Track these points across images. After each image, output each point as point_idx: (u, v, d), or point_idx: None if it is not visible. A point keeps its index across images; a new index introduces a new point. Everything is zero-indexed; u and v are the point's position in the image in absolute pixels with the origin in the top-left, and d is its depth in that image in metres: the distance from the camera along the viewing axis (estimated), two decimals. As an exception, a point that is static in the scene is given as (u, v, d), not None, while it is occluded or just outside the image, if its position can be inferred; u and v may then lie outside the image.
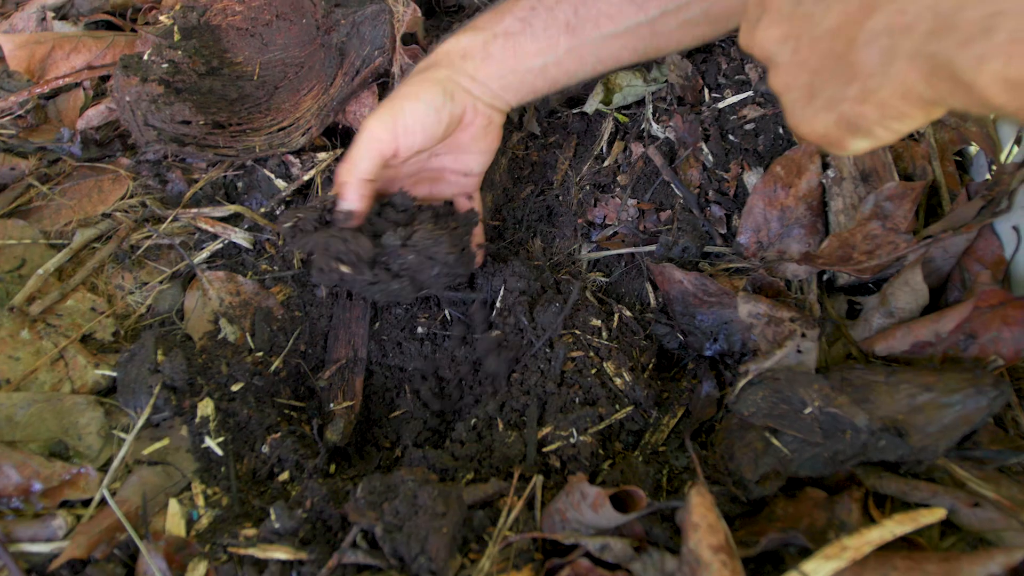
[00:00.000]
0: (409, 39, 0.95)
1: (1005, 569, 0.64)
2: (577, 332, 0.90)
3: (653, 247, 0.97)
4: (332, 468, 0.90)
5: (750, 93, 0.99)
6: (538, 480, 0.79)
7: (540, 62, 0.88)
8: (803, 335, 0.82)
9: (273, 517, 0.76)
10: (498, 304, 0.94)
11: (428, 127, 0.85)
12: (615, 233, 1.00)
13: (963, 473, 0.74)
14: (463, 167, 0.93)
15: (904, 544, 0.71)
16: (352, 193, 0.83)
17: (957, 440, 0.76)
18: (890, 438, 0.75)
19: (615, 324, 0.92)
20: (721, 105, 0.99)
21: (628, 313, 0.93)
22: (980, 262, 0.85)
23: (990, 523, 0.71)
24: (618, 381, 0.87)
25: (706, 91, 1.01)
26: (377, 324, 0.98)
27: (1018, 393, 0.81)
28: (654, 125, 1.00)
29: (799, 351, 0.82)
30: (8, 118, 1.02)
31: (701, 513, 0.68)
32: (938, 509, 0.69)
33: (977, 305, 0.79)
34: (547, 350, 0.89)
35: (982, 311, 0.79)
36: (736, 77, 1.00)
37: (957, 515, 0.72)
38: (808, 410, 0.77)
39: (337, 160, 0.99)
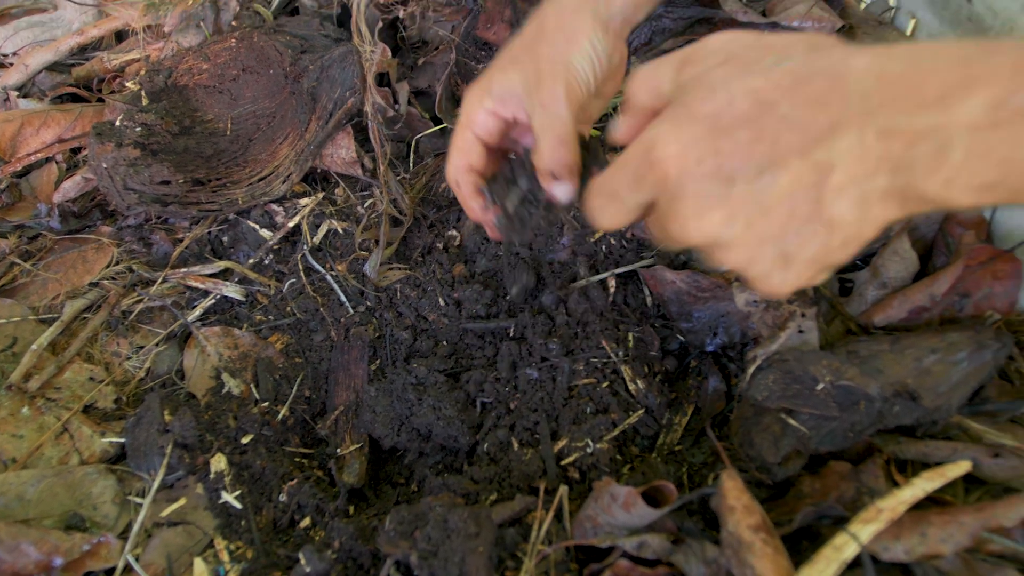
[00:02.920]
0: (382, 79, 0.96)
1: (1036, 510, 0.66)
2: (594, 360, 0.91)
3: (651, 259, 0.98)
4: (351, 509, 0.89)
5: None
6: (563, 490, 0.79)
7: None
8: (803, 315, 0.83)
9: (304, 561, 0.75)
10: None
11: (598, 74, 0.72)
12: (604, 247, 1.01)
13: (979, 427, 0.75)
14: (584, 117, 0.77)
15: (934, 503, 0.72)
16: (563, 152, 0.69)
17: (968, 396, 0.77)
18: (904, 403, 0.76)
19: (631, 343, 0.92)
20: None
21: (640, 333, 0.93)
22: (962, 225, 0.88)
23: (1013, 470, 0.72)
24: (632, 387, 0.88)
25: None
26: (376, 363, 0.98)
27: (1018, 344, 0.83)
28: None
29: (801, 331, 0.83)
30: (-18, 200, 1.02)
31: (736, 496, 0.68)
32: (963, 462, 0.70)
33: (967, 264, 0.81)
34: (559, 377, 0.90)
35: (972, 269, 0.81)
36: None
37: (980, 468, 0.73)
38: (820, 386, 0.78)
39: (319, 204, 1.00)
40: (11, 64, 1.13)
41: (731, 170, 0.49)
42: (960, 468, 0.69)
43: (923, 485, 0.67)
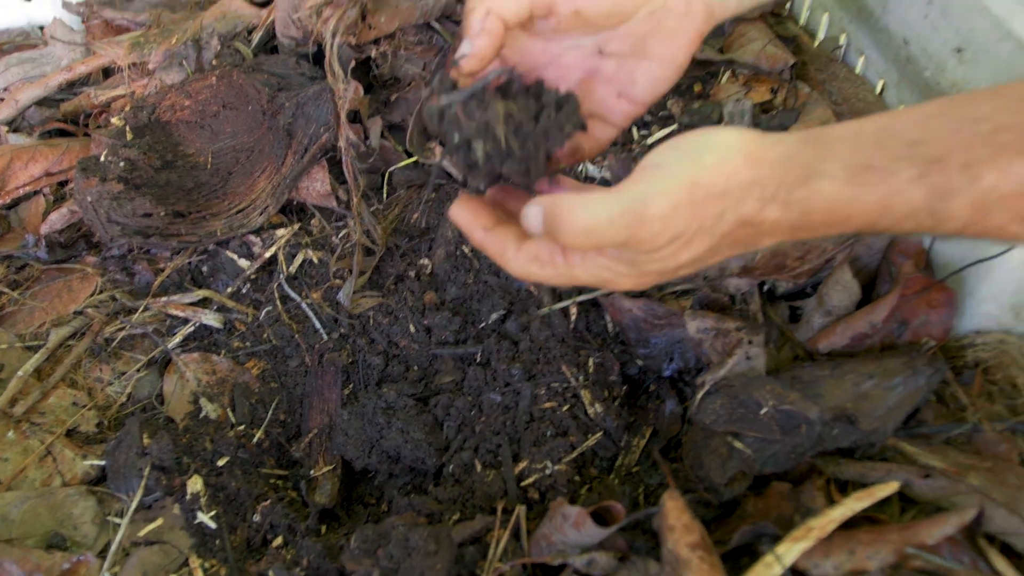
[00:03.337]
0: (354, 116, 1.00)
1: (958, 528, 0.70)
2: (555, 385, 0.95)
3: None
4: (323, 529, 0.93)
5: (675, 127, 1.06)
6: (520, 510, 0.83)
7: None
8: (750, 342, 0.87)
9: (273, 578, 0.79)
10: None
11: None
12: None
13: (912, 449, 0.79)
14: (628, 80, 0.70)
15: (868, 522, 0.76)
16: (476, 22, 0.62)
17: (903, 419, 0.81)
18: (842, 426, 0.80)
19: (591, 368, 0.96)
20: (650, 140, 1.06)
21: (600, 358, 0.97)
22: (903, 254, 0.92)
23: (942, 490, 0.76)
24: (591, 411, 0.92)
25: (634, 129, 1.08)
26: (350, 387, 1.02)
27: (954, 370, 0.87)
28: (590, 166, 1.06)
29: (748, 357, 0.87)
30: (-28, 232, 1.06)
31: (676, 515, 0.72)
32: (892, 483, 0.74)
33: (903, 293, 0.86)
34: (521, 401, 0.94)
35: (908, 298, 0.86)
36: (660, 113, 1.08)
37: (912, 488, 0.77)
38: (764, 410, 0.82)
39: (295, 235, 1.04)
40: (2, 99, 1.18)
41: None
42: (888, 489, 0.73)
43: (852, 505, 0.72)
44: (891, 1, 0.94)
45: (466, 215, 0.62)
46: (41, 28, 1.37)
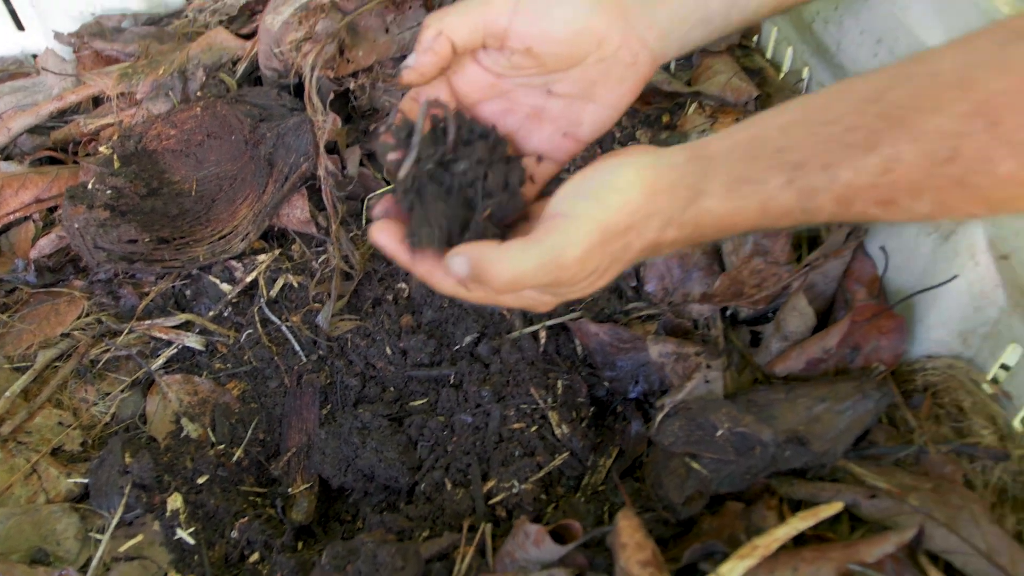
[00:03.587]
0: (332, 147, 1.04)
1: (898, 547, 0.73)
2: (523, 406, 0.98)
3: (579, 313, 1.05)
4: (300, 545, 0.97)
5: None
6: (486, 528, 0.87)
7: None
8: (708, 366, 0.91)
9: (247, 592, 0.82)
10: None
11: (556, 24, 0.68)
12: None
13: (860, 470, 0.83)
14: (575, 121, 0.74)
15: (817, 540, 0.79)
16: (427, 39, 0.66)
17: (852, 442, 0.85)
18: (794, 448, 0.84)
19: (560, 390, 1.00)
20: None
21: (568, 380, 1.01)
22: (858, 281, 0.96)
23: (886, 511, 0.79)
24: (558, 432, 0.95)
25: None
26: (328, 408, 1.05)
27: (905, 394, 0.91)
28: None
29: (707, 381, 0.91)
30: (-36, 256, 1.11)
31: (628, 533, 0.76)
32: (835, 504, 0.78)
33: (854, 319, 0.89)
34: (491, 422, 0.97)
35: (859, 324, 0.90)
36: (629, 143, 1.12)
37: (859, 508, 0.81)
38: (720, 433, 0.85)
39: (276, 260, 1.08)
40: (-5, 127, 1.23)
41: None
42: (832, 509, 0.77)
43: (796, 524, 0.75)
44: (844, 40, 0.98)
45: (389, 239, 0.64)
46: (34, 57, 1.41)
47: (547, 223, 0.60)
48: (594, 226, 0.59)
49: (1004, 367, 0.87)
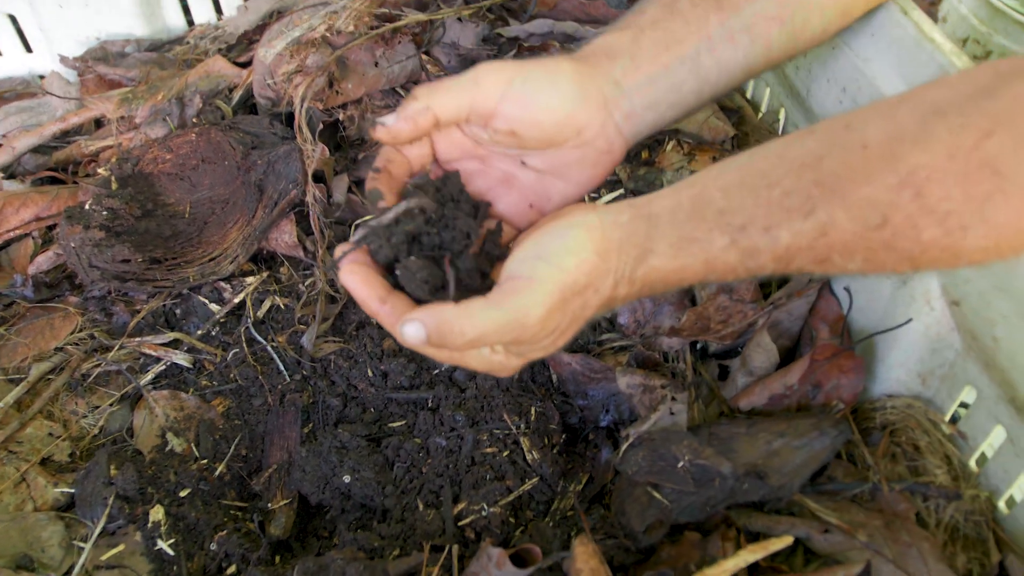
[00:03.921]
0: (320, 175, 1.08)
1: (843, 581, 0.76)
2: (496, 432, 1.01)
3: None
4: (277, 559, 1.00)
5: (621, 191, 1.13)
6: (453, 548, 0.90)
7: (693, 48, 0.77)
8: (673, 399, 0.94)
9: (220, 604, 0.85)
10: None
11: (541, 112, 0.71)
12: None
13: (814, 505, 0.86)
14: (543, 195, 0.77)
15: (771, 572, 0.82)
16: (411, 110, 0.69)
17: (809, 476, 0.88)
18: (752, 481, 0.87)
19: (533, 417, 1.03)
20: (600, 202, 1.13)
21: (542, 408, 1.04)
22: (823, 320, 0.99)
23: (838, 545, 0.82)
24: (529, 457, 0.98)
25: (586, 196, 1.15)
26: (309, 427, 1.09)
27: (864, 431, 0.94)
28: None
29: (672, 413, 0.94)
30: (-35, 270, 1.15)
31: (584, 559, 0.79)
32: (786, 537, 0.81)
33: (814, 358, 0.92)
34: (464, 446, 1.00)
35: (820, 363, 0.93)
36: (609, 179, 1.15)
37: (811, 542, 0.84)
38: (681, 464, 0.88)
39: (264, 282, 1.12)
40: (0, 145, 1.27)
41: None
42: (782, 542, 0.79)
43: (746, 556, 0.78)
44: (813, 86, 1.02)
45: (359, 285, 0.65)
46: (41, 77, 1.46)
47: (508, 284, 0.63)
48: (554, 287, 0.61)
49: (964, 405, 0.90)
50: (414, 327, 0.60)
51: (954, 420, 0.91)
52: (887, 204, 0.57)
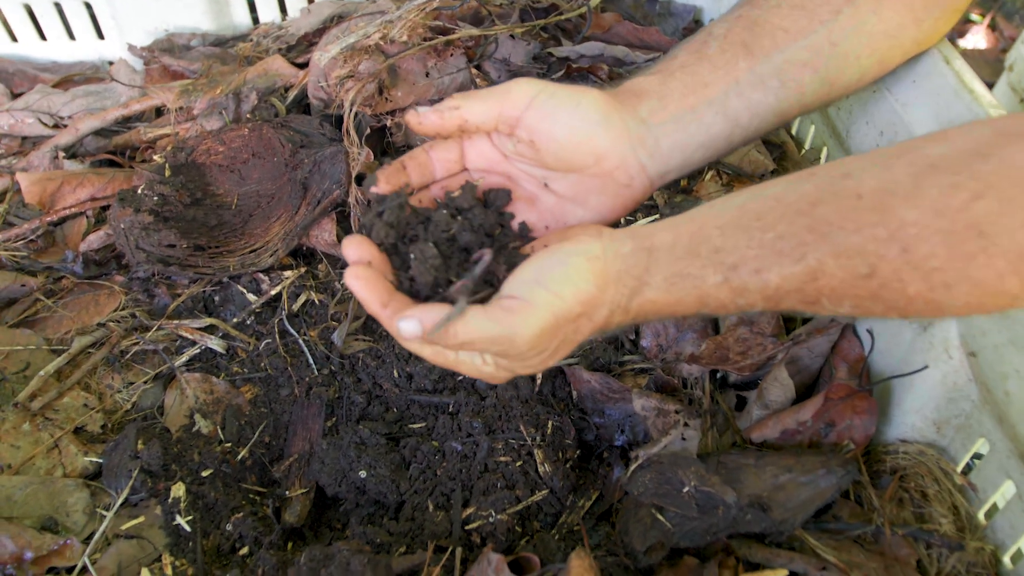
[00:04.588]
0: (361, 179, 1.12)
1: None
2: (512, 441, 1.03)
3: (576, 360, 1.10)
4: (289, 545, 1.03)
5: (657, 216, 1.15)
6: (457, 551, 0.92)
7: (721, 91, 0.79)
8: (686, 424, 0.95)
9: (229, 583, 0.89)
10: None
11: (560, 127, 0.74)
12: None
13: (814, 542, 0.86)
14: (561, 219, 0.80)
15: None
16: (445, 107, 0.75)
17: (812, 513, 0.88)
18: (755, 513, 0.87)
19: (549, 430, 1.05)
20: (635, 225, 1.15)
21: (559, 422, 1.06)
22: (844, 360, 0.99)
23: (834, 584, 0.83)
24: (541, 469, 1.00)
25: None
26: (332, 420, 1.12)
27: (874, 474, 0.94)
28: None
29: (684, 438, 0.95)
30: (22, 242, 1.20)
31: (579, 573, 0.80)
32: (780, 571, 0.82)
33: (829, 396, 0.93)
34: (479, 452, 1.02)
35: (834, 402, 0.93)
36: (646, 203, 1.17)
37: (808, 578, 0.84)
38: (686, 489, 0.90)
39: (301, 277, 1.15)
40: (65, 126, 1.33)
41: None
42: (776, 574, 0.80)
43: (739, 586, 0.79)
44: (852, 128, 1.03)
45: (363, 288, 0.67)
46: (110, 63, 1.52)
47: (505, 302, 0.66)
48: (549, 314, 0.65)
49: (979, 456, 0.90)
50: (410, 323, 0.64)
51: (967, 470, 0.91)
52: (875, 256, 0.59)
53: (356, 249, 0.70)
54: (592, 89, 0.76)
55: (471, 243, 0.72)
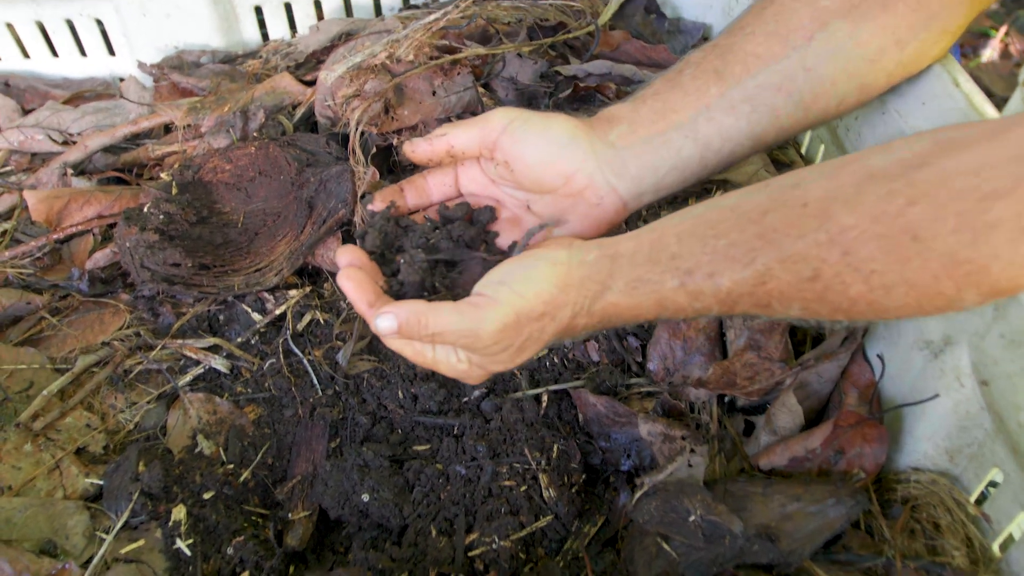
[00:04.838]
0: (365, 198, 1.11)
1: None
2: (516, 465, 1.02)
3: (582, 382, 1.09)
4: (291, 570, 1.02)
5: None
6: (458, 577, 0.91)
7: (690, 116, 0.83)
8: (692, 451, 0.94)
9: (227, 608, 0.88)
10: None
11: (529, 149, 0.83)
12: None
13: (823, 574, 0.84)
14: (542, 234, 0.87)
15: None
16: (434, 136, 0.86)
17: (821, 544, 0.86)
18: (763, 543, 0.86)
19: (555, 454, 1.03)
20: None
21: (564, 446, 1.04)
22: (855, 386, 0.98)
23: (841, 617, 0.81)
24: (546, 495, 0.99)
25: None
26: (336, 441, 1.11)
27: (885, 504, 0.92)
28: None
29: (690, 465, 0.93)
30: (28, 260, 1.20)
31: (581, 604, 0.79)
32: (785, 603, 0.80)
33: (838, 424, 0.91)
34: (483, 476, 1.01)
35: (844, 429, 0.91)
36: (652, 220, 1.15)
37: (816, 611, 0.82)
38: (692, 518, 0.88)
39: (306, 296, 1.15)
40: (75, 143, 1.33)
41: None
42: (781, 608, 0.79)
43: (742, 619, 0.77)
44: (861, 148, 1.01)
45: (353, 288, 0.77)
46: (121, 80, 1.53)
47: (473, 299, 0.74)
48: (511, 310, 0.71)
49: (994, 484, 0.88)
50: (386, 318, 0.72)
51: (981, 500, 0.89)
52: (818, 259, 0.63)
53: (348, 255, 0.82)
54: (565, 115, 0.84)
55: (451, 252, 0.82)
